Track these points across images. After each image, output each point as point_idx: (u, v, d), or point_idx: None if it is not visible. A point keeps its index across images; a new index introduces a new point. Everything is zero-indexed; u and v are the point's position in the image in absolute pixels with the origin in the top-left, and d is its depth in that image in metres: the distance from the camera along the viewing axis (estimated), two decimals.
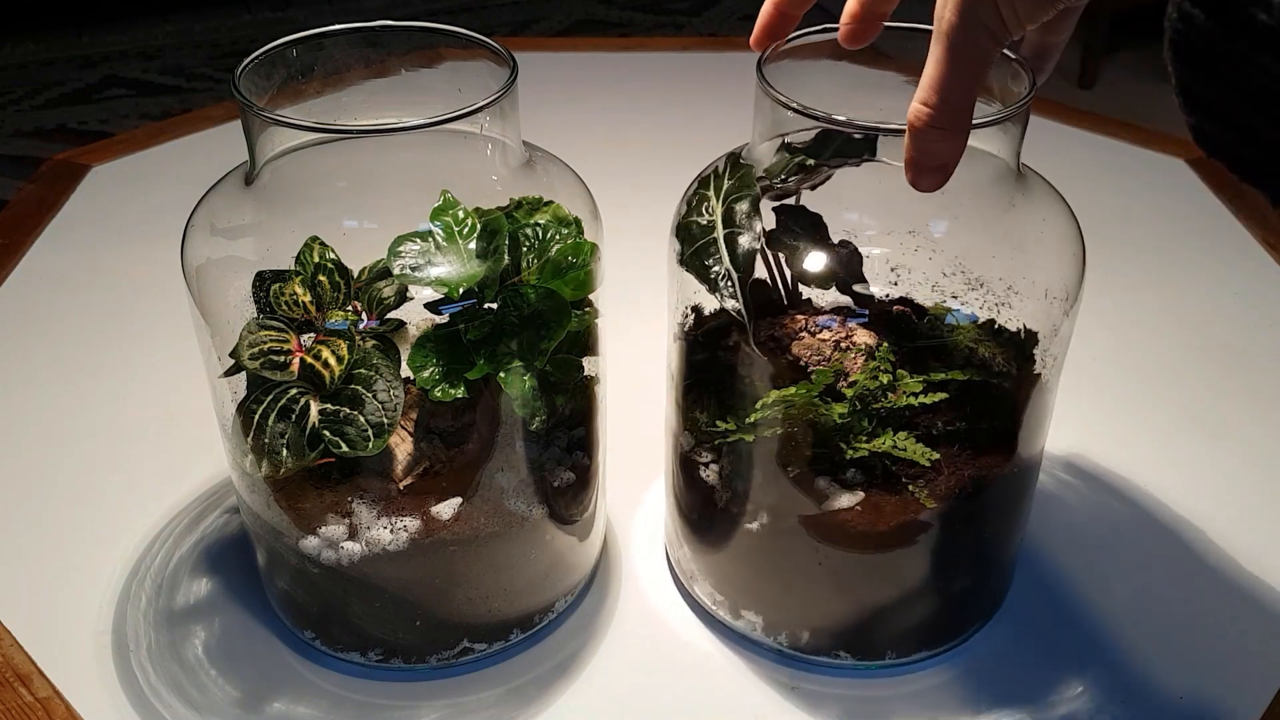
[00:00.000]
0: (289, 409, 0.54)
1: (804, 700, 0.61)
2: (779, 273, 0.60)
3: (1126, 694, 0.62)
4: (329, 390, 0.54)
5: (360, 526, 0.57)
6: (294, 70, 0.56)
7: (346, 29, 0.57)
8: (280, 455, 0.54)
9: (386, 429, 0.54)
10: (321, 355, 0.54)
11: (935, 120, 0.47)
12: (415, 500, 0.57)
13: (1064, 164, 1.12)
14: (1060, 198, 0.59)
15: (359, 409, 0.54)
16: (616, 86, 1.30)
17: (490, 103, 0.53)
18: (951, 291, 0.58)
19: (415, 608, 0.60)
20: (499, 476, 0.58)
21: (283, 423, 0.54)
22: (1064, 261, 0.58)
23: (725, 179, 0.56)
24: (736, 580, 0.63)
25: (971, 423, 0.58)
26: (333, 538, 0.57)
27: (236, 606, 0.66)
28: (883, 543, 0.58)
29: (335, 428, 0.54)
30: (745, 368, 0.58)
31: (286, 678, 0.62)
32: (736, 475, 0.60)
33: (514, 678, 0.62)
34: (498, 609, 0.61)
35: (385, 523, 0.57)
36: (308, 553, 0.58)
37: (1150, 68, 2.85)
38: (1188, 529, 0.73)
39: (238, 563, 0.68)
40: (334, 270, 0.55)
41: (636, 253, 0.72)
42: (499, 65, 0.56)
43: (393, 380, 0.54)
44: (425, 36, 0.58)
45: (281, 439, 0.54)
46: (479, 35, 0.57)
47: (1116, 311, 0.93)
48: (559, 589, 0.65)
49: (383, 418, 0.54)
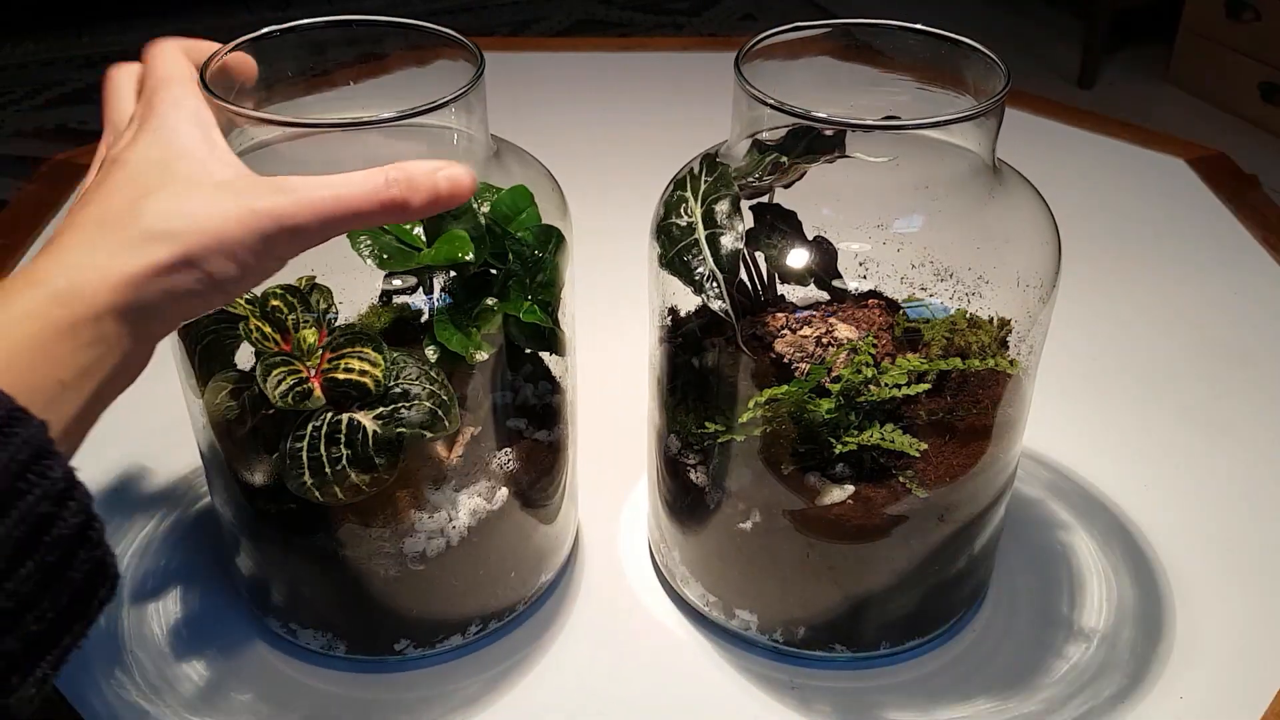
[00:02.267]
0: (335, 433, 0.53)
1: (804, 696, 0.62)
2: (757, 271, 0.61)
3: (1127, 695, 0.62)
4: (377, 393, 0.53)
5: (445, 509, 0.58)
6: (270, 66, 0.56)
7: (315, 23, 0.57)
8: (349, 477, 0.53)
9: (450, 400, 0.54)
10: (353, 367, 0.53)
11: None
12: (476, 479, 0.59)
13: (1064, 164, 1.13)
14: (1035, 190, 0.59)
15: (416, 396, 0.54)
16: (617, 86, 1.30)
17: (456, 97, 0.53)
18: (921, 284, 0.58)
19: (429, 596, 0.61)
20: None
21: (335, 447, 0.53)
22: (1039, 252, 0.58)
23: (702, 179, 0.57)
24: (729, 580, 0.63)
25: (954, 412, 0.58)
26: (428, 528, 0.58)
27: (209, 595, 0.66)
28: (876, 534, 0.58)
29: (406, 421, 0.53)
30: (732, 368, 0.58)
31: (298, 684, 0.62)
32: (727, 475, 0.60)
33: (501, 687, 0.62)
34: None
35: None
36: (408, 550, 0.58)
37: (1150, 68, 2.85)
38: (1187, 527, 0.73)
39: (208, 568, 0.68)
40: (284, 293, 0.54)
41: (639, 252, 0.72)
42: (468, 60, 0.56)
43: (418, 359, 0.54)
44: (395, 32, 0.58)
45: (346, 463, 0.53)
46: (447, 30, 0.57)
47: (1116, 311, 0.93)
48: (530, 583, 0.65)
49: (440, 391, 0.54)
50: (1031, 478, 0.76)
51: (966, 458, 0.58)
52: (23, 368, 0.38)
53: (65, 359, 0.39)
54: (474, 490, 0.59)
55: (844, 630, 0.62)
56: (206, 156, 0.45)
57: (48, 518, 0.36)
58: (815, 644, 0.63)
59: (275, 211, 0.43)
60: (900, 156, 0.55)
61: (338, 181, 0.44)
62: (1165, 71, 2.79)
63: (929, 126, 0.53)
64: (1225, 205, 1.06)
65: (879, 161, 0.55)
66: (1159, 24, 2.84)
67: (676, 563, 0.66)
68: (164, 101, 0.47)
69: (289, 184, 0.44)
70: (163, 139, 0.45)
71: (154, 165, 0.44)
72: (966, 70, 0.57)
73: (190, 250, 0.42)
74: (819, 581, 0.60)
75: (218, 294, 0.43)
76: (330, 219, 0.44)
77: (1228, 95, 2.63)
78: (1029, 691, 0.62)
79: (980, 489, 0.60)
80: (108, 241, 0.41)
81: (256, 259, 0.43)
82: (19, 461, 0.35)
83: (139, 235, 0.41)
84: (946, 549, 0.61)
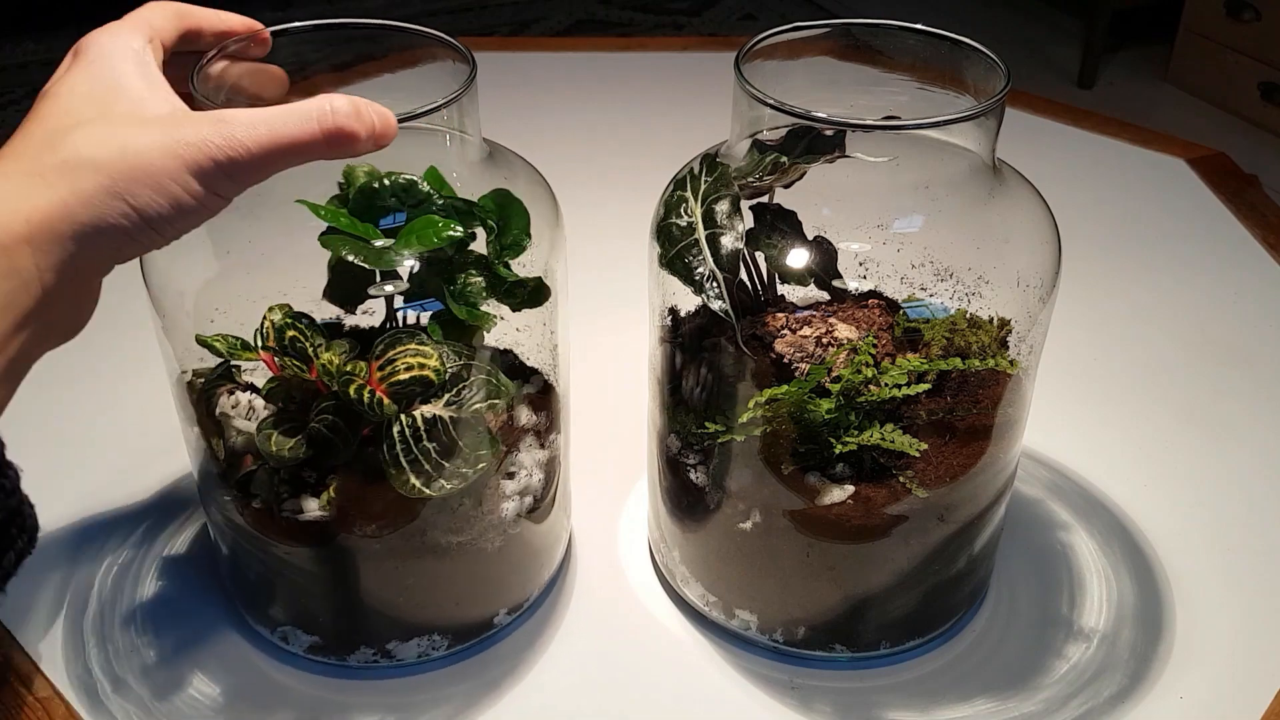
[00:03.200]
0: (417, 430, 0.53)
1: (804, 696, 0.62)
2: (757, 271, 0.61)
3: (1127, 695, 0.62)
4: (440, 382, 0.53)
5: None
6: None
7: (304, 26, 0.56)
8: (445, 467, 0.54)
9: (492, 368, 0.55)
10: (410, 363, 0.53)
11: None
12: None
13: (1064, 164, 1.13)
14: (1035, 190, 0.59)
15: (464, 375, 0.54)
16: (616, 86, 1.30)
17: (450, 101, 0.53)
18: (921, 284, 0.58)
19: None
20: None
21: (421, 443, 0.53)
22: (1039, 252, 0.58)
23: (702, 179, 0.57)
24: (730, 580, 0.63)
25: (954, 412, 0.58)
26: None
27: (211, 606, 0.66)
28: (876, 534, 0.58)
29: (470, 401, 0.54)
30: (732, 368, 0.58)
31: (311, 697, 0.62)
32: (727, 475, 0.60)
33: (501, 687, 0.62)
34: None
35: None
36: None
37: (1150, 68, 2.85)
38: (1187, 527, 0.73)
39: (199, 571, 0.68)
40: (291, 320, 0.54)
41: (638, 253, 0.72)
42: (459, 62, 0.56)
43: (450, 343, 0.55)
44: (386, 34, 0.58)
45: (438, 456, 0.54)
46: (439, 33, 0.57)
47: (1116, 311, 0.93)
48: (522, 590, 0.65)
49: (480, 363, 0.55)
50: (1031, 478, 0.76)
51: (966, 458, 0.58)
52: None
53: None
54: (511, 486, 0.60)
55: (844, 630, 0.62)
56: (143, 93, 0.43)
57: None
58: (815, 644, 0.63)
59: (205, 144, 0.41)
60: (900, 156, 0.55)
61: (275, 114, 0.43)
62: (1165, 71, 2.79)
63: (929, 126, 0.53)
64: (1225, 205, 1.06)
65: (879, 161, 0.55)
66: (1159, 24, 2.84)
67: (676, 563, 0.66)
68: (107, 33, 0.45)
69: (224, 116, 0.42)
70: (95, 70, 0.44)
71: (84, 99, 0.43)
72: (966, 70, 0.57)
73: (114, 180, 0.40)
74: (819, 581, 0.60)
75: (149, 231, 0.41)
76: (267, 153, 0.42)
77: (1228, 95, 2.63)
78: (1029, 691, 0.62)
79: (980, 489, 0.60)
80: (21, 170, 0.40)
81: (190, 194, 0.41)
82: None
83: (58, 164, 0.40)
84: (946, 549, 0.61)
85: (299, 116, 0.43)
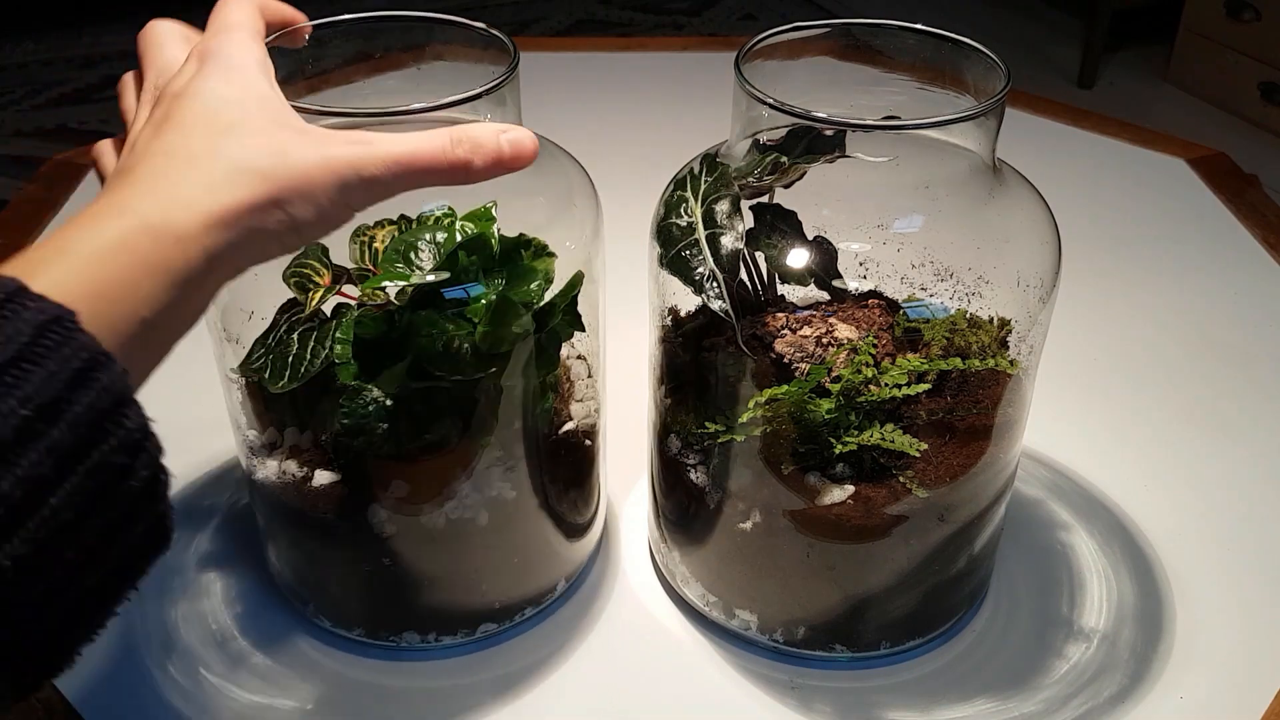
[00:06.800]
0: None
1: (804, 696, 0.62)
2: (757, 271, 0.61)
3: (1127, 695, 0.62)
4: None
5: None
6: (297, 61, 0.56)
7: (346, 20, 0.57)
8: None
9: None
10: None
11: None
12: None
13: (1064, 164, 1.13)
14: (1035, 190, 0.59)
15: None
16: (616, 86, 1.30)
17: (491, 89, 0.53)
18: (921, 284, 0.58)
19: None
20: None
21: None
22: (1039, 252, 0.58)
23: (702, 179, 0.57)
24: (729, 580, 0.63)
25: (954, 412, 0.58)
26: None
27: (244, 595, 0.66)
28: (876, 534, 0.58)
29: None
30: (732, 368, 0.58)
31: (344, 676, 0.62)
32: (727, 475, 0.60)
33: (500, 687, 0.62)
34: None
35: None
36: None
37: (1150, 68, 2.85)
38: (1187, 526, 0.73)
39: (243, 555, 0.68)
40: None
41: (638, 253, 0.72)
42: (500, 53, 0.56)
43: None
44: (424, 27, 0.59)
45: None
46: (478, 24, 0.58)
47: (1116, 311, 0.93)
48: (540, 583, 0.65)
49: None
50: (1031, 478, 0.76)
51: (966, 458, 0.58)
52: (109, 303, 0.36)
53: (150, 296, 0.37)
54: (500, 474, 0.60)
55: (844, 630, 0.62)
56: (283, 105, 0.45)
57: (121, 469, 0.34)
58: (815, 644, 0.63)
59: (355, 160, 0.43)
60: (900, 156, 0.55)
61: (409, 139, 0.45)
62: (1165, 71, 2.79)
63: (929, 126, 0.53)
64: (1225, 205, 1.06)
65: (879, 161, 0.55)
66: (1159, 24, 2.84)
67: (676, 563, 0.66)
68: (233, 42, 0.46)
69: (365, 136, 0.44)
70: (235, 78, 0.44)
71: (228, 102, 0.43)
72: (966, 70, 0.57)
73: (280, 189, 0.41)
74: (819, 581, 0.60)
75: (293, 237, 0.43)
76: (402, 173, 0.44)
77: (1228, 95, 2.63)
78: (1029, 691, 0.62)
79: (980, 489, 0.60)
80: (196, 175, 0.40)
81: (333, 206, 0.43)
82: (98, 410, 0.34)
83: (228, 170, 0.41)
84: (946, 549, 0.61)
85: (428, 144, 0.45)
